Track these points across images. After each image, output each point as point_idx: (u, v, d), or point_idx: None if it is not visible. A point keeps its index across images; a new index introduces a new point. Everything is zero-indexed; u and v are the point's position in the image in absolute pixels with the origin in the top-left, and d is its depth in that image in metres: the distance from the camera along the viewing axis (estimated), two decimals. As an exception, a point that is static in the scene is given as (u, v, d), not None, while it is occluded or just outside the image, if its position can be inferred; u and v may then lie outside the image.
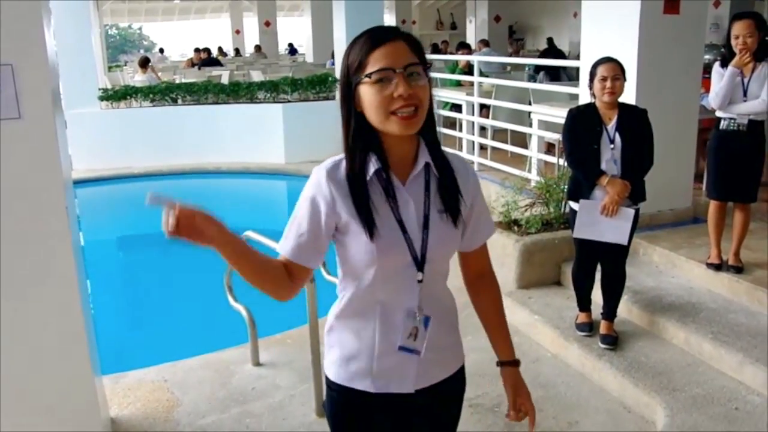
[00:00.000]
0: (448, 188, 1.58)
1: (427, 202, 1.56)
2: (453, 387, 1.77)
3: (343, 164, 1.54)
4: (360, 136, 1.51)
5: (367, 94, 1.46)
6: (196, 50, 17.42)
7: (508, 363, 1.85)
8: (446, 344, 1.71)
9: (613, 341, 3.72)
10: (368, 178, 1.51)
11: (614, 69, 3.48)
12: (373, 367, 1.62)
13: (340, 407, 1.70)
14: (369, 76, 1.45)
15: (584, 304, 3.93)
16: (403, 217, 1.54)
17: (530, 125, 6.79)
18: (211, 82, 10.93)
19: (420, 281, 1.58)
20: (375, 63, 1.45)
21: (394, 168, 1.54)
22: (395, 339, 1.60)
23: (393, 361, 1.61)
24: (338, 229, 1.55)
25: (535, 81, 8.96)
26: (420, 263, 1.56)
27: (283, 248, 1.61)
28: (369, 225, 1.50)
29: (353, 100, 1.50)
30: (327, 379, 1.70)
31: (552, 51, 11.65)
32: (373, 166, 1.51)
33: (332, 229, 1.55)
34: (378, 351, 1.61)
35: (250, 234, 3.69)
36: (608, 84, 3.46)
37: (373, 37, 1.48)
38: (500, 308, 1.83)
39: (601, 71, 3.49)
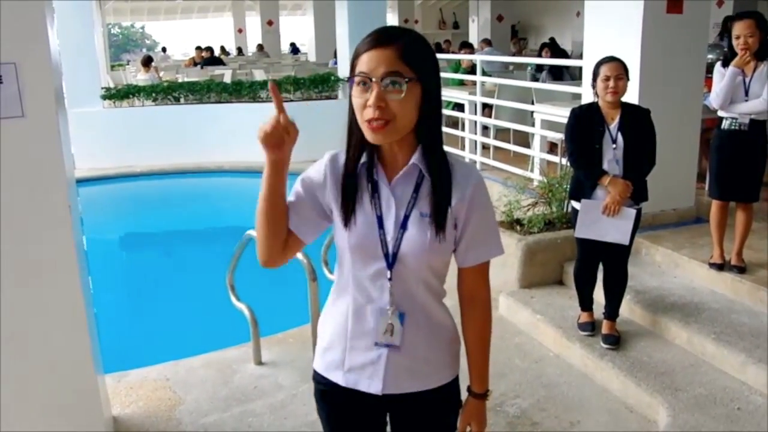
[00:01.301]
0: (437, 194, 1.55)
1: (411, 203, 1.56)
2: (432, 406, 1.71)
3: (341, 156, 1.61)
4: (356, 131, 1.55)
5: (353, 95, 1.50)
6: (198, 48, 17.41)
7: (475, 395, 1.81)
8: (425, 356, 1.66)
9: (615, 341, 3.72)
10: (357, 170, 1.57)
11: (617, 68, 3.47)
12: (345, 361, 1.65)
13: (318, 395, 1.76)
14: (351, 79, 1.49)
15: (586, 303, 3.93)
16: (383, 213, 1.56)
17: (533, 125, 6.78)
18: (213, 81, 10.93)
19: (389, 279, 1.58)
20: (359, 66, 1.47)
21: (385, 166, 1.58)
22: (367, 334, 1.62)
23: (363, 358, 1.63)
24: (331, 212, 1.61)
25: (537, 80, 8.95)
26: (391, 261, 1.57)
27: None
28: (347, 213, 1.56)
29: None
30: (314, 370, 1.76)
31: (554, 50, 11.62)
32: (361, 161, 1.57)
33: (327, 209, 1.61)
34: (350, 344, 1.64)
35: (253, 233, 3.67)
36: (611, 83, 3.46)
37: (371, 39, 1.48)
38: (484, 337, 1.81)
39: (604, 71, 3.49)
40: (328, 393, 1.72)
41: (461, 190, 1.57)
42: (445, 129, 8.16)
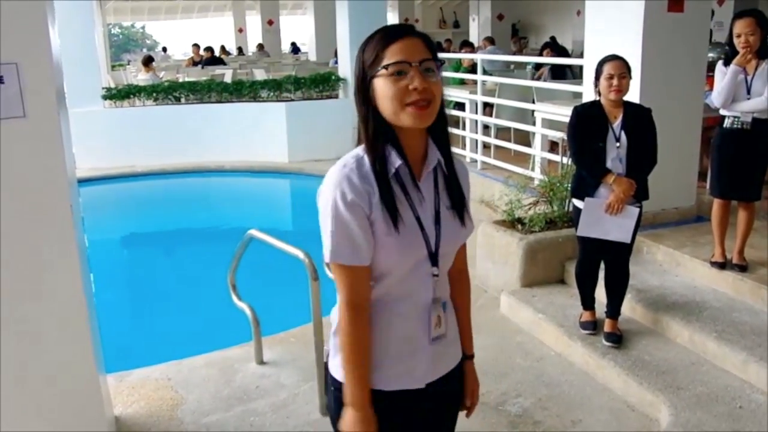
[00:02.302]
0: (455, 186, 1.64)
1: (437, 199, 1.61)
2: (455, 381, 1.78)
3: (365, 161, 1.55)
4: (381, 132, 1.54)
5: (383, 86, 1.50)
6: (195, 46, 17.37)
7: (470, 357, 1.87)
8: (454, 334, 1.75)
9: (617, 339, 3.72)
10: (391, 174, 1.54)
11: (620, 67, 3.47)
12: (385, 366, 1.63)
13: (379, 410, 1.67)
14: (386, 67, 1.48)
15: (588, 302, 3.93)
16: (419, 213, 1.57)
17: (534, 123, 6.78)
18: (214, 81, 10.93)
19: (435, 275, 1.62)
20: (392, 56, 1.49)
21: (410, 164, 1.58)
22: (412, 335, 1.63)
23: (407, 360, 1.64)
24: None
25: (539, 79, 8.95)
26: (435, 258, 1.60)
27: (338, 256, 1.54)
28: (395, 220, 1.52)
29: (369, 95, 1.54)
30: (333, 379, 1.69)
31: (556, 49, 11.61)
32: (394, 162, 1.54)
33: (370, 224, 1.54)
34: (393, 352, 1.62)
35: (254, 233, 3.68)
36: (615, 82, 3.46)
37: (390, 33, 1.53)
38: (469, 306, 1.87)
39: (607, 69, 3.49)
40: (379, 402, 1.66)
41: (465, 180, 1.69)
42: (445, 128, 8.19)
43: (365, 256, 1.54)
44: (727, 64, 4.00)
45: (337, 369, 1.67)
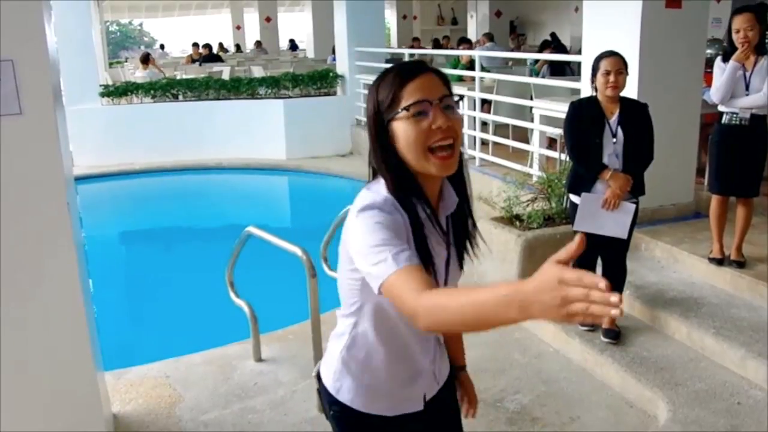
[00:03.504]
0: (465, 229, 1.61)
1: (450, 238, 1.58)
2: (450, 383, 1.81)
3: (394, 203, 1.44)
4: (405, 181, 1.45)
5: (403, 129, 1.41)
6: (195, 45, 17.36)
7: (463, 368, 1.92)
8: (444, 353, 1.78)
9: (615, 335, 3.72)
10: (421, 220, 1.46)
11: (617, 63, 3.47)
12: (393, 395, 1.64)
13: (353, 428, 1.69)
14: (407, 108, 1.40)
15: (586, 299, 3.92)
16: (434, 256, 1.50)
17: (532, 120, 6.77)
18: (211, 78, 10.92)
19: None
20: (410, 96, 1.41)
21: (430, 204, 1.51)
22: (414, 364, 1.64)
23: (411, 388, 1.65)
24: None
25: (538, 75, 8.94)
26: None
27: (398, 263, 1.28)
28: (429, 266, 1.43)
29: (387, 141, 1.45)
30: (336, 401, 1.65)
31: (555, 45, 11.60)
32: (422, 211, 1.47)
33: None
34: (396, 382, 1.63)
35: (252, 230, 3.68)
36: (611, 78, 3.46)
37: (404, 71, 1.44)
38: None
39: (604, 65, 3.49)
40: (367, 423, 1.65)
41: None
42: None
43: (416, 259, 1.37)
44: (725, 60, 3.99)
45: (344, 393, 1.63)
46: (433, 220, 1.50)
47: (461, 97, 1.50)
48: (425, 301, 1.21)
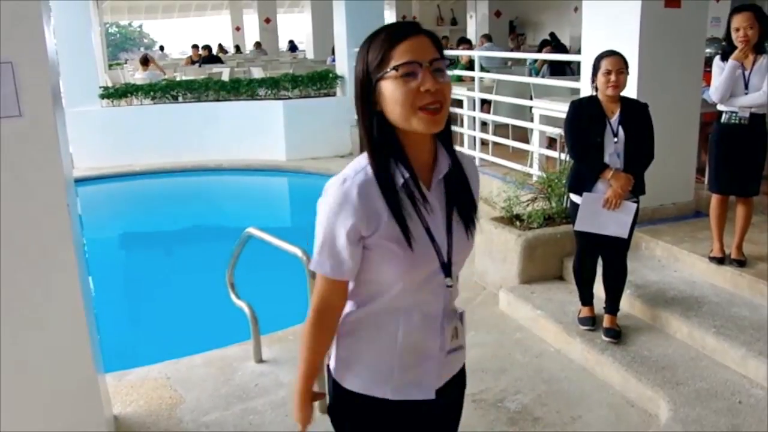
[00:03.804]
0: (464, 191, 1.58)
1: (449, 207, 1.55)
2: (462, 379, 1.77)
3: (367, 172, 1.48)
4: (384, 139, 1.47)
5: (391, 88, 1.42)
6: (194, 47, 17.36)
7: None
8: (463, 342, 1.72)
9: (616, 334, 3.72)
10: (399, 186, 1.47)
11: (618, 62, 3.47)
12: (395, 377, 1.59)
13: (353, 413, 1.66)
14: (396, 68, 1.40)
15: (586, 298, 3.93)
16: (430, 224, 1.51)
17: (531, 120, 6.77)
18: (211, 79, 10.91)
19: (449, 286, 1.57)
20: (400, 56, 1.41)
21: (418, 173, 1.50)
22: (427, 348, 1.59)
23: (416, 370, 1.60)
24: (365, 240, 1.49)
25: (537, 75, 8.94)
26: (448, 269, 1.55)
27: (322, 268, 1.55)
28: (407, 235, 1.46)
29: (373, 100, 1.46)
30: (337, 384, 1.65)
31: (555, 45, 11.60)
32: (401, 175, 1.47)
33: (362, 240, 1.49)
34: (402, 361, 1.58)
35: (252, 231, 3.68)
36: (612, 77, 3.45)
37: (396, 32, 1.44)
38: None
39: (605, 65, 3.48)
40: (368, 408, 1.63)
41: (475, 183, 1.63)
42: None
43: (348, 272, 1.52)
44: (724, 59, 3.99)
45: (344, 376, 1.64)
46: (412, 183, 1.48)
47: (451, 61, 1.51)
48: (317, 319, 1.60)
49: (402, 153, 1.48)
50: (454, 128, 8.00)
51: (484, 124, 7.85)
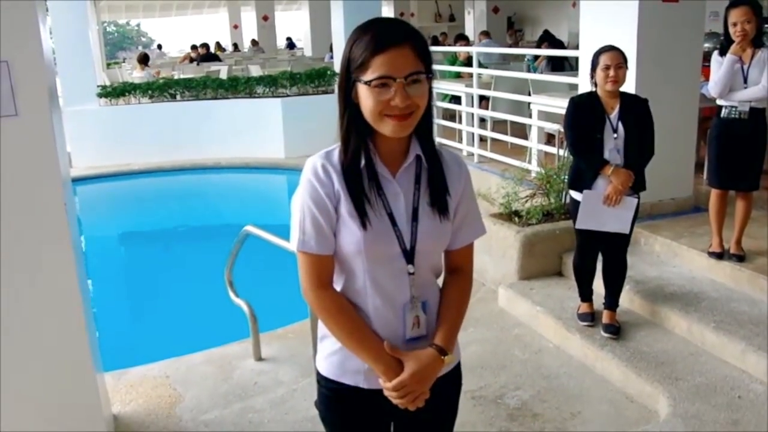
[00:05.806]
0: (436, 182, 1.59)
1: (417, 195, 1.58)
2: (445, 389, 1.70)
3: (336, 153, 1.56)
4: (354, 127, 1.52)
5: (364, 95, 1.47)
6: (193, 47, 17.34)
7: (438, 347, 1.61)
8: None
9: (615, 330, 3.71)
10: (361, 166, 1.53)
11: (617, 57, 3.46)
12: (353, 360, 1.61)
13: (329, 402, 1.69)
14: (369, 82, 1.44)
15: (586, 294, 3.92)
16: (393, 209, 1.55)
17: (530, 116, 6.76)
18: (209, 78, 10.90)
19: (411, 273, 1.59)
20: (377, 68, 1.44)
21: (385, 159, 1.56)
22: (391, 334, 1.59)
23: None
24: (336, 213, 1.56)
25: (535, 71, 8.92)
26: (410, 255, 1.57)
27: (305, 245, 1.56)
28: (361, 214, 1.52)
29: (351, 92, 1.51)
30: (317, 373, 1.70)
31: (552, 42, 11.58)
32: (365, 157, 1.53)
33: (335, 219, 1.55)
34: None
35: (250, 229, 3.67)
36: (611, 72, 3.44)
37: (380, 38, 1.45)
38: (460, 300, 1.70)
39: (603, 60, 3.47)
40: (341, 397, 1.66)
41: (456, 178, 1.63)
42: (442, 122, 8.17)
43: (331, 245, 1.56)
44: (722, 53, 3.99)
45: (321, 361, 1.69)
46: (374, 165, 1.54)
47: (427, 75, 1.50)
48: (317, 297, 1.58)
49: (371, 139, 1.54)
50: (453, 125, 8.01)
51: (482, 120, 7.84)
